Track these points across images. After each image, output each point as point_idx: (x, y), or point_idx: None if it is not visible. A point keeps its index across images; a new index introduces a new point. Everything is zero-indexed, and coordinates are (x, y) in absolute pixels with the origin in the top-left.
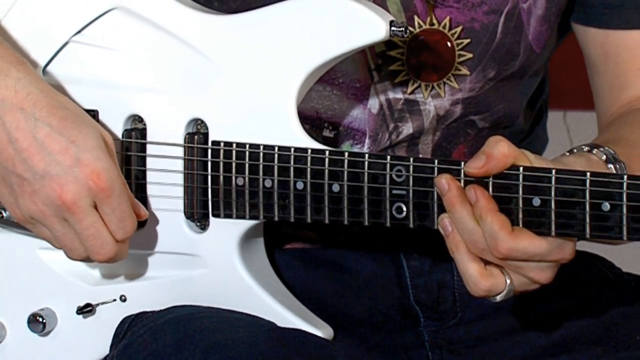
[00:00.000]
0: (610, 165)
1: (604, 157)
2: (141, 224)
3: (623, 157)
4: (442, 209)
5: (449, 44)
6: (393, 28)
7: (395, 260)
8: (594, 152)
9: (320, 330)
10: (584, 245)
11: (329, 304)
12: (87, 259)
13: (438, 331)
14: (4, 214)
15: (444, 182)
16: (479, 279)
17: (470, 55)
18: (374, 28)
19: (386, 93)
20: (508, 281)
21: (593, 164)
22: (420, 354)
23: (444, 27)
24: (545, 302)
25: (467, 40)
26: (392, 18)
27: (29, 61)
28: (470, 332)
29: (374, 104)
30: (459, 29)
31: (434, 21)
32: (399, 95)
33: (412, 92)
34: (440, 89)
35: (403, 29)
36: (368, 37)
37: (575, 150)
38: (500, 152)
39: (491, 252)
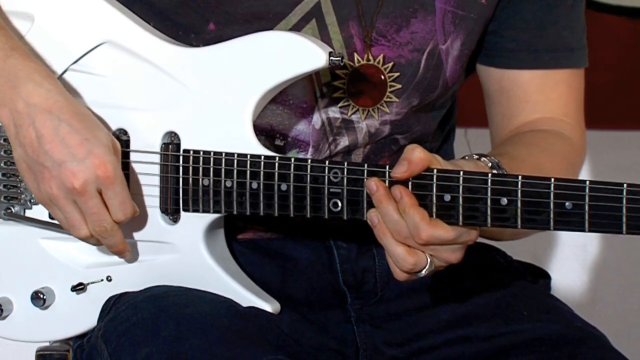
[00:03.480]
0: (494, 171)
1: (490, 164)
2: None
3: (505, 166)
4: (370, 204)
5: (382, 76)
6: (331, 58)
7: (327, 249)
8: (482, 159)
9: (270, 304)
10: (482, 239)
11: (274, 285)
12: (88, 237)
13: (362, 308)
14: (13, 209)
15: (372, 185)
16: (406, 256)
17: (399, 86)
18: (315, 57)
19: (327, 113)
20: (429, 260)
21: (480, 168)
22: (347, 328)
23: (378, 62)
24: (450, 284)
25: (397, 74)
26: (330, 49)
27: None
28: (389, 309)
29: (317, 121)
30: (390, 64)
31: (370, 57)
32: (338, 115)
33: (351, 115)
34: (375, 112)
35: (340, 58)
36: (311, 64)
37: (467, 158)
38: (417, 156)
39: (414, 239)
